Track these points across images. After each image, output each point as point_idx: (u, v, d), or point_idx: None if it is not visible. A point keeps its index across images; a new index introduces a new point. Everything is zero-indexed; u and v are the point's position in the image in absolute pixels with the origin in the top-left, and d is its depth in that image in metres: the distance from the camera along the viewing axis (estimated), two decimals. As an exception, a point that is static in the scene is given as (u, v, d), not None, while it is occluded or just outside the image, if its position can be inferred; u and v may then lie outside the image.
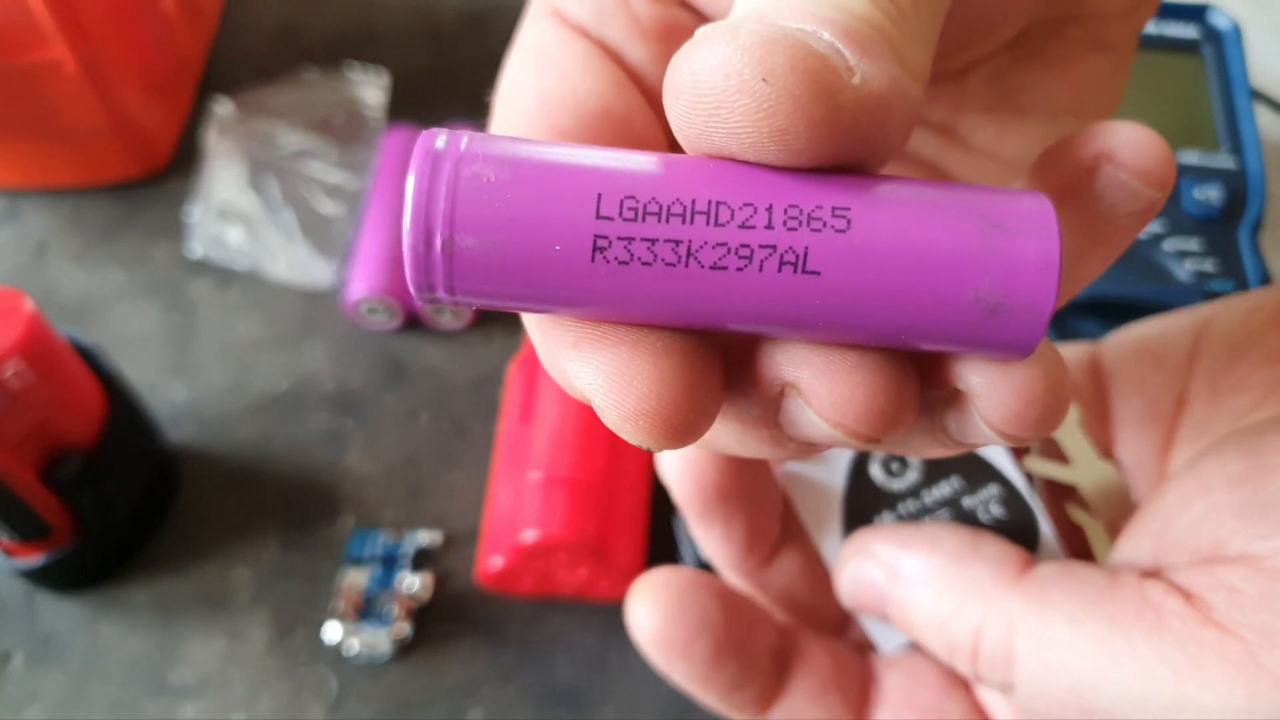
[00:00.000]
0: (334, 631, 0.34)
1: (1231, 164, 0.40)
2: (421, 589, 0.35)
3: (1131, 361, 0.25)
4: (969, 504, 0.25)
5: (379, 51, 0.49)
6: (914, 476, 0.25)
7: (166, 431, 0.38)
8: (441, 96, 0.48)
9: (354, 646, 0.34)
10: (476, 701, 0.33)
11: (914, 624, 0.22)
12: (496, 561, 0.33)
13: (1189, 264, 0.37)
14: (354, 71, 0.48)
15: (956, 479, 0.25)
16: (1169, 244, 0.38)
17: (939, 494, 0.25)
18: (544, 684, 0.34)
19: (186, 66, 0.48)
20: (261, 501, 0.37)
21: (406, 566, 0.35)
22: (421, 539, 0.36)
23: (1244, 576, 0.18)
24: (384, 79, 0.47)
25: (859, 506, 0.25)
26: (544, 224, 0.13)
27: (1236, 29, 0.42)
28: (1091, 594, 0.20)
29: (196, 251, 0.43)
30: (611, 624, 0.35)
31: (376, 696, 0.33)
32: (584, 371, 0.14)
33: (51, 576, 0.35)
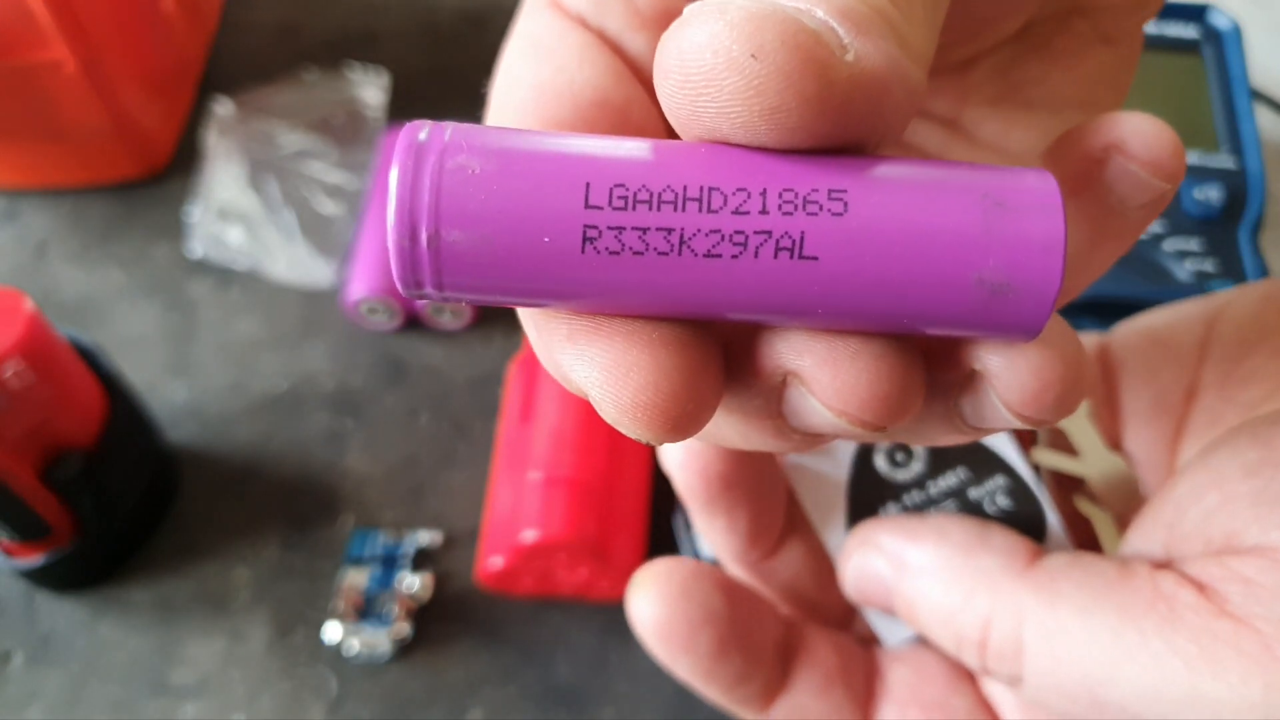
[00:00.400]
0: (334, 631, 0.34)
1: (1231, 164, 0.39)
2: (421, 589, 0.35)
3: (1141, 352, 0.24)
4: (975, 495, 0.25)
5: (379, 51, 0.49)
6: (919, 467, 0.25)
7: (166, 431, 0.38)
8: (441, 96, 0.48)
9: (354, 646, 0.34)
10: (476, 701, 0.33)
11: (920, 616, 0.22)
12: (496, 561, 0.33)
13: (1189, 264, 0.37)
14: (354, 71, 0.48)
15: (962, 470, 0.25)
16: (1169, 244, 0.38)
17: (945, 485, 0.25)
18: (544, 684, 0.34)
19: (186, 66, 0.48)
20: (261, 501, 0.37)
21: (406, 566, 0.35)
22: (421, 539, 0.36)
23: (1259, 568, 0.18)
24: (384, 79, 0.47)
25: (864, 497, 0.25)
26: (532, 215, 0.12)
27: (1236, 29, 0.42)
28: (1102, 585, 0.19)
29: (196, 251, 0.43)
30: (611, 624, 0.35)
31: (376, 696, 0.33)
32: (579, 364, 0.13)
33: (51, 576, 0.35)
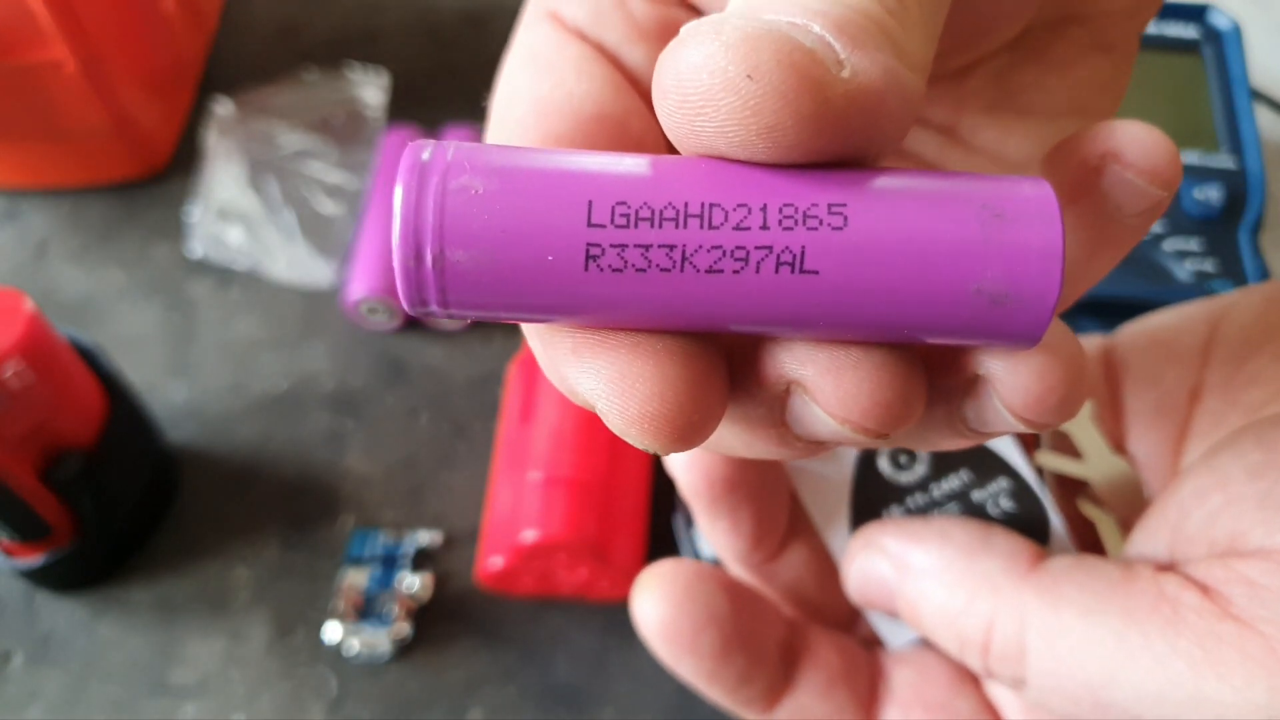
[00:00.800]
0: (334, 631, 0.34)
1: (1231, 164, 0.39)
2: (421, 589, 0.35)
3: (1144, 354, 0.24)
4: (978, 497, 0.25)
5: (379, 51, 0.49)
6: (922, 469, 0.25)
7: (166, 431, 0.38)
8: (441, 96, 0.48)
9: (354, 646, 0.34)
10: (476, 701, 0.33)
11: (923, 619, 0.22)
12: (496, 561, 0.33)
13: (1189, 264, 0.37)
14: (354, 71, 0.48)
15: (965, 472, 0.25)
16: (1169, 244, 0.38)
17: (948, 487, 0.25)
18: (544, 684, 0.34)
19: (186, 66, 0.48)
20: (261, 501, 0.37)
21: (406, 566, 0.35)
22: (421, 539, 0.36)
23: (1263, 570, 0.18)
24: (384, 79, 0.47)
25: (867, 500, 0.25)
26: (535, 234, 0.12)
27: (1236, 29, 0.42)
28: (1106, 587, 0.19)
29: (196, 251, 0.43)
30: (611, 624, 0.35)
31: (376, 696, 0.33)
32: (585, 377, 0.13)
33: (51, 576, 0.35)
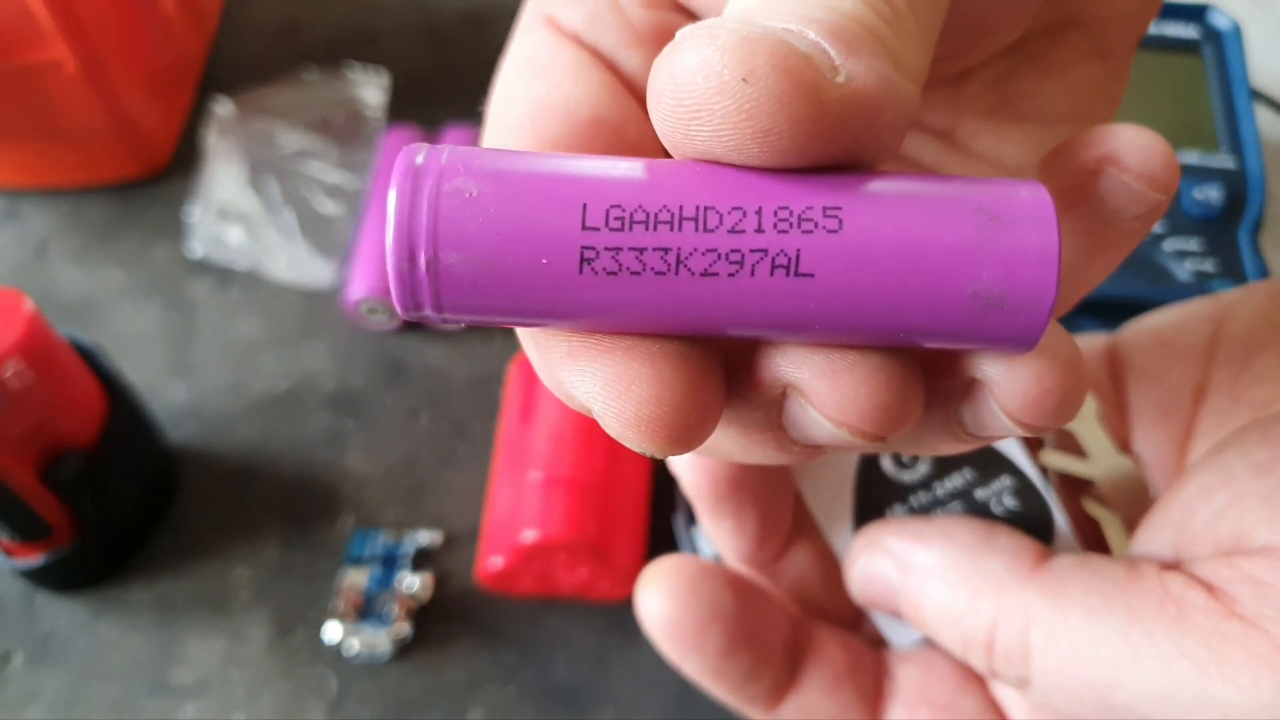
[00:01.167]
0: (334, 631, 0.34)
1: (1231, 164, 0.39)
2: (421, 589, 0.35)
3: (1149, 352, 0.24)
4: (981, 496, 0.24)
5: (379, 51, 0.49)
6: (925, 468, 0.25)
7: (166, 431, 0.38)
8: (441, 96, 0.48)
9: (354, 646, 0.34)
10: (476, 701, 0.33)
11: (927, 618, 0.22)
12: (496, 561, 0.33)
13: (1189, 264, 0.37)
14: (354, 71, 0.48)
15: (969, 470, 0.25)
16: (1169, 244, 0.38)
17: (951, 486, 0.25)
18: (544, 684, 0.34)
19: (186, 66, 0.48)
20: (261, 501, 0.37)
21: (406, 566, 0.35)
22: (421, 539, 0.36)
23: (1269, 569, 0.18)
24: (384, 79, 0.47)
25: (870, 499, 0.25)
26: (529, 237, 0.12)
27: (1236, 29, 0.42)
28: (1110, 586, 0.19)
29: (196, 251, 0.43)
30: (611, 624, 0.35)
31: (376, 696, 0.33)
32: (581, 381, 0.13)
33: (51, 576, 0.35)
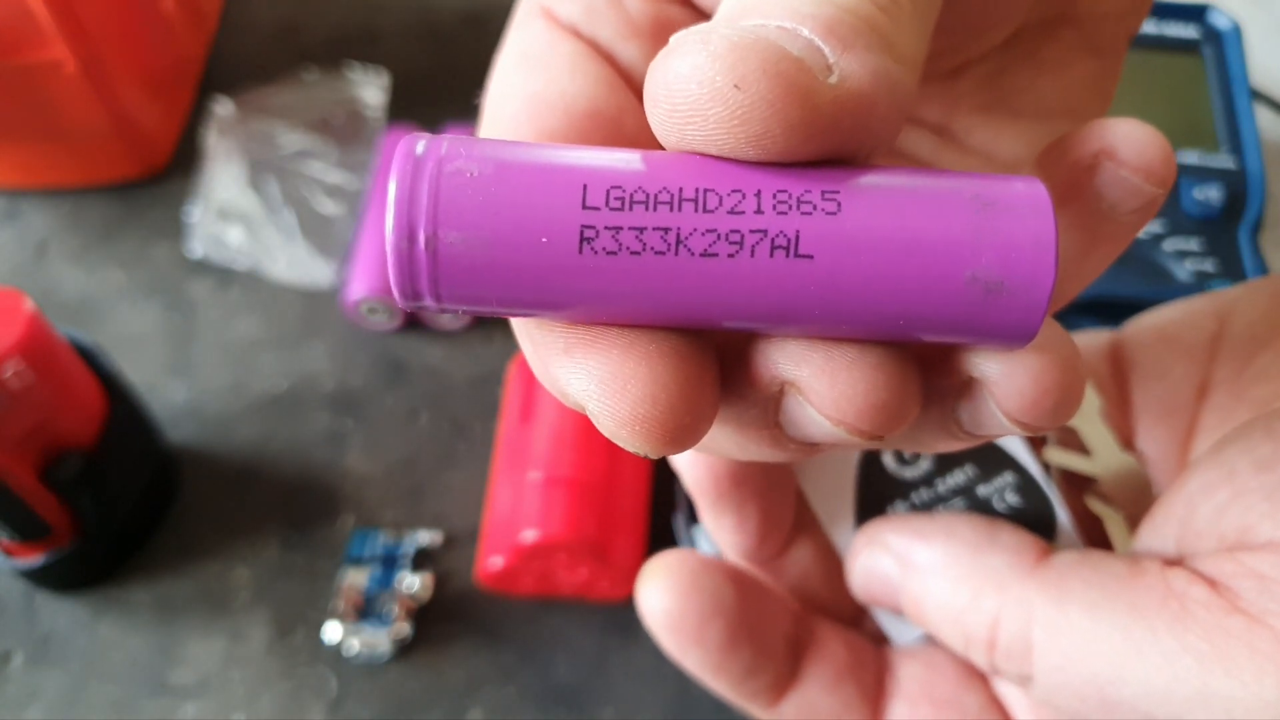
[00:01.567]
0: (334, 631, 0.34)
1: (1231, 164, 0.39)
2: (421, 589, 0.35)
3: (1152, 349, 0.24)
4: (983, 492, 0.24)
5: (379, 51, 0.49)
6: (927, 465, 0.25)
7: (166, 431, 0.38)
8: (441, 96, 0.48)
9: (354, 646, 0.34)
10: (476, 701, 0.33)
11: (928, 616, 0.22)
12: (496, 561, 0.33)
13: (1189, 264, 0.37)
14: (354, 71, 0.48)
15: (970, 467, 0.25)
16: (1169, 244, 0.38)
17: (953, 482, 0.25)
18: (544, 684, 0.34)
19: (186, 66, 0.48)
20: (261, 501, 0.37)
21: (406, 566, 0.35)
22: (421, 539, 0.36)
23: (1273, 564, 0.18)
24: (384, 79, 0.47)
25: (871, 495, 0.25)
26: (529, 216, 0.12)
27: (1236, 29, 0.42)
28: (1112, 582, 0.19)
29: (196, 251, 0.43)
30: (611, 624, 0.35)
31: (376, 696, 0.33)
32: (576, 377, 0.13)
33: (51, 576, 0.35)
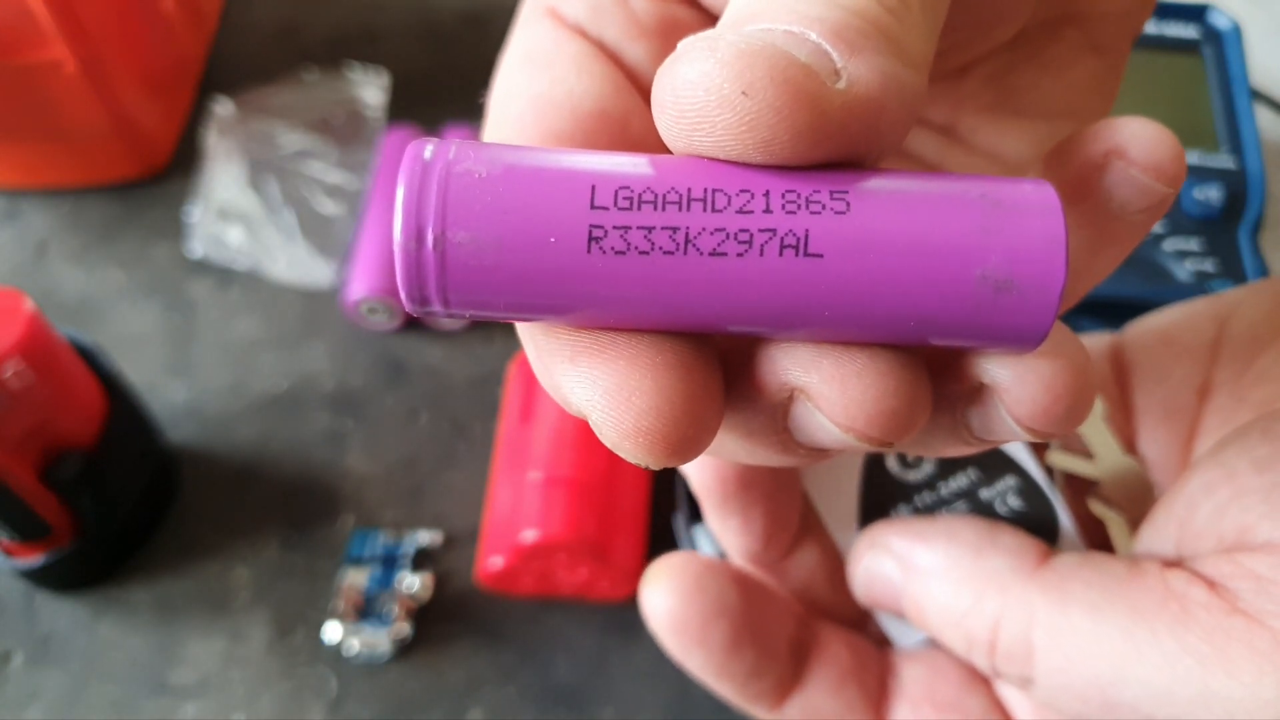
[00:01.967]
0: (334, 631, 0.34)
1: (1231, 164, 0.39)
2: (421, 589, 0.35)
3: (1153, 352, 0.24)
4: (986, 495, 0.24)
5: (379, 51, 0.49)
6: (930, 468, 0.25)
7: (166, 431, 0.38)
8: (441, 96, 0.48)
9: (354, 646, 0.34)
10: (476, 701, 0.33)
11: (930, 618, 0.22)
12: (496, 561, 0.33)
13: (1189, 264, 0.37)
14: (354, 71, 0.48)
15: (973, 470, 0.25)
16: (1169, 244, 0.38)
17: (955, 486, 0.25)
18: (544, 684, 0.34)
19: (186, 66, 0.48)
20: (261, 501, 0.37)
21: (406, 566, 0.35)
22: (421, 539, 0.36)
23: (1271, 564, 0.18)
24: (384, 79, 0.47)
25: (875, 499, 0.25)
26: (537, 215, 0.12)
27: (1236, 29, 0.42)
28: (1113, 584, 0.19)
29: (196, 251, 0.43)
30: (611, 624, 0.35)
31: (376, 696, 0.33)
32: (581, 386, 0.13)
33: (51, 576, 0.35)
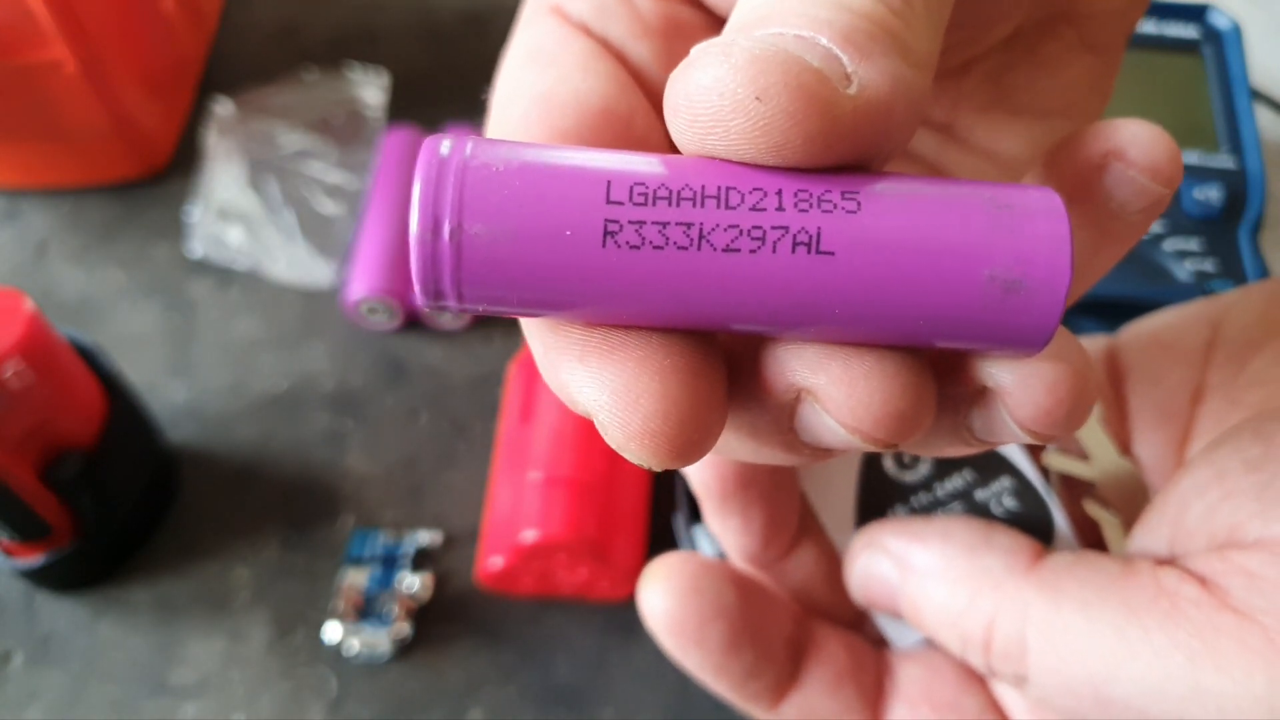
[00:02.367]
0: (334, 631, 0.34)
1: (1231, 164, 0.40)
2: (421, 589, 0.35)
3: (1147, 354, 0.24)
4: (981, 496, 0.25)
5: (379, 51, 0.49)
6: (926, 469, 0.25)
7: (166, 431, 0.38)
8: (441, 96, 0.48)
9: (354, 646, 0.34)
10: (476, 701, 0.33)
11: (926, 618, 0.22)
12: (496, 561, 0.33)
13: (1189, 264, 0.37)
14: (354, 71, 0.48)
15: (968, 471, 0.25)
16: (1169, 244, 0.38)
17: (951, 486, 0.25)
18: (544, 684, 0.34)
19: (186, 66, 0.48)
20: (261, 501, 0.37)
21: (406, 566, 0.35)
22: (421, 539, 0.36)
23: (1261, 561, 0.18)
24: (384, 79, 0.47)
25: (872, 499, 0.25)
26: (553, 209, 0.12)
27: (1236, 29, 0.42)
28: (1105, 582, 0.19)
29: (196, 251, 0.43)
30: (611, 624, 0.35)
31: (376, 696, 0.33)
32: (588, 386, 0.13)
33: (51, 576, 0.35)
